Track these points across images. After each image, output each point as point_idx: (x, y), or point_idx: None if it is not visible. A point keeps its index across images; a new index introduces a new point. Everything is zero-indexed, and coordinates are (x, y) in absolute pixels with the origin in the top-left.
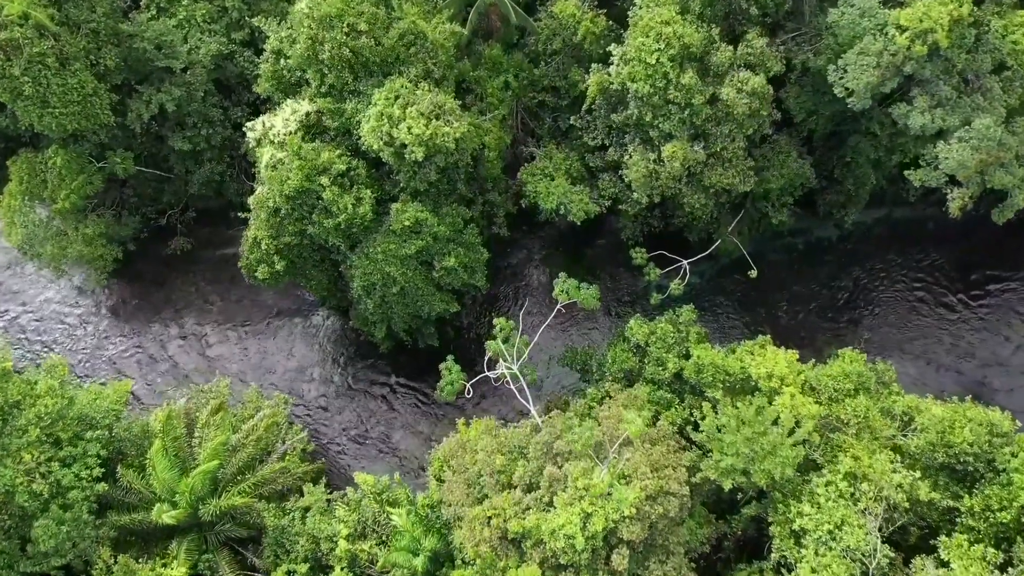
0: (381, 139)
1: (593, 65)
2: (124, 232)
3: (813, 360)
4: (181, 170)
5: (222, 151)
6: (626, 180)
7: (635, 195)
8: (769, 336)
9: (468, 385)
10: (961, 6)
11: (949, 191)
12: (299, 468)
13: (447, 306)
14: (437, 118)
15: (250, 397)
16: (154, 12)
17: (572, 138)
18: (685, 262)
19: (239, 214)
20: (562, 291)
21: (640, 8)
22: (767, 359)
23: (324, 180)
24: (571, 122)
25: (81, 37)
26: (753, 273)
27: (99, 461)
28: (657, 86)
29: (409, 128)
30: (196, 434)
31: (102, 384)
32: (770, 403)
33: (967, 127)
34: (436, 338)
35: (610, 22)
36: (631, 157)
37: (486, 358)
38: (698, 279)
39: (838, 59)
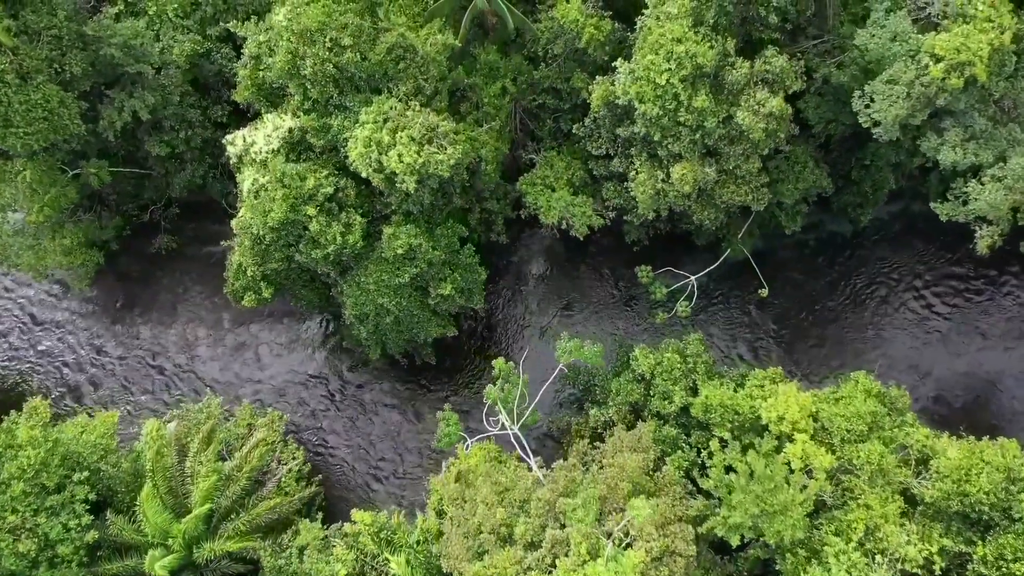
0: (370, 166)
1: (598, 78)
2: (106, 235)
3: (820, 376)
4: (161, 171)
5: (203, 152)
6: (632, 193)
7: (641, 209)
8: (780, 368)
9: (469, 441)
10: (1003, 33)
11: (977, 227)
12: (296, 493)
13: (444, 330)
14: (430, 142)
15: (242, 415)
16: (121, 8)
17: (574, 141)
18: (692, 278)
19: (224, 242)
20: (564, 352)
21: (650, 18)
22: (779, 400)
23: (310, 210)
24: (574, 129)
25: (43, 46)
26: (764, 292)
27: (87, 507)
28: (667, 108)
29: (399, 156)
30: (188, 462)
31: (89, 414)
32: (779, 445)
33: (1001, 164)
34: (433, 356)
35: (616, 24)
36: (638, 174)
37: (484, 409)
38: (704, 279)
39: (864, 76)
